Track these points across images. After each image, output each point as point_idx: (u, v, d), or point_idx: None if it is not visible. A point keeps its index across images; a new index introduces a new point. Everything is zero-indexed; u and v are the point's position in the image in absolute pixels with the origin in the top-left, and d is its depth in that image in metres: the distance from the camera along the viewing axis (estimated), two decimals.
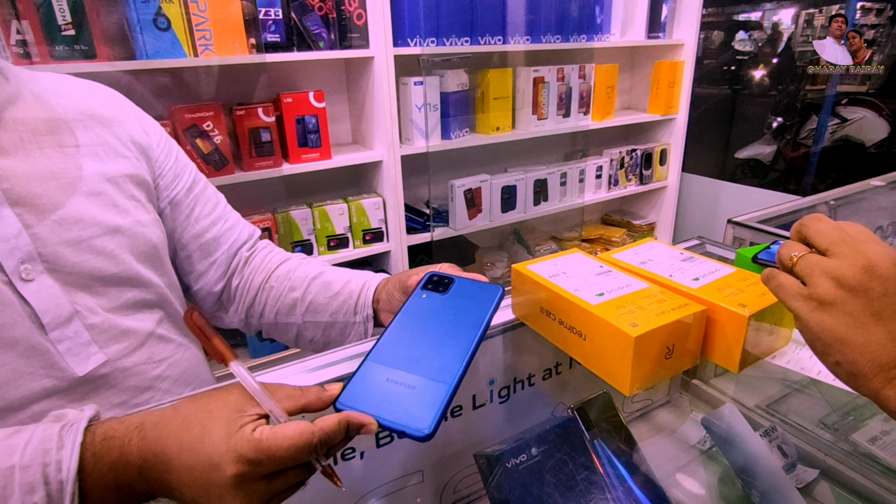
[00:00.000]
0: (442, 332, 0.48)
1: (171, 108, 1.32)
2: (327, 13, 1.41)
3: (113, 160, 0.59)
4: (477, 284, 0.53)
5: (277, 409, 0.38)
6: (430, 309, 0.50)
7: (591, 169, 2.15)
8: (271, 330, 0.74)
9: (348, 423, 0.39)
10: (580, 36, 1.90)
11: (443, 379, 0.43)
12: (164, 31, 1.20)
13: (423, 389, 0.42)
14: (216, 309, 0.74)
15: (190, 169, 0.70)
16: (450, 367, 0.44)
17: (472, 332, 0.47)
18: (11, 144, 0.52)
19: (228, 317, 0.74)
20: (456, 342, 0.46)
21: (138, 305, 0.59)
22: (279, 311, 0.71)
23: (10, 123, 0.52)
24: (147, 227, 0.61)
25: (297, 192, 1.68)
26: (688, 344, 0.50)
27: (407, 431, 0.39)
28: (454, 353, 0.45)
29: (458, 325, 0.48)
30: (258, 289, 0.72)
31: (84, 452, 0.36)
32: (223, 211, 0.72)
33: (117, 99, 0.65)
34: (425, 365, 0.44)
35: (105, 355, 0.55)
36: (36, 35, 1.08)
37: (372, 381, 0.43)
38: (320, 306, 0.69)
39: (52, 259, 0.52)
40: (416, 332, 0.48)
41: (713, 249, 0.81)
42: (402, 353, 0.45)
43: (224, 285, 0.72)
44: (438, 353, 0.45)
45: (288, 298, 0.70)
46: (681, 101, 2.22)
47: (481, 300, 0.51)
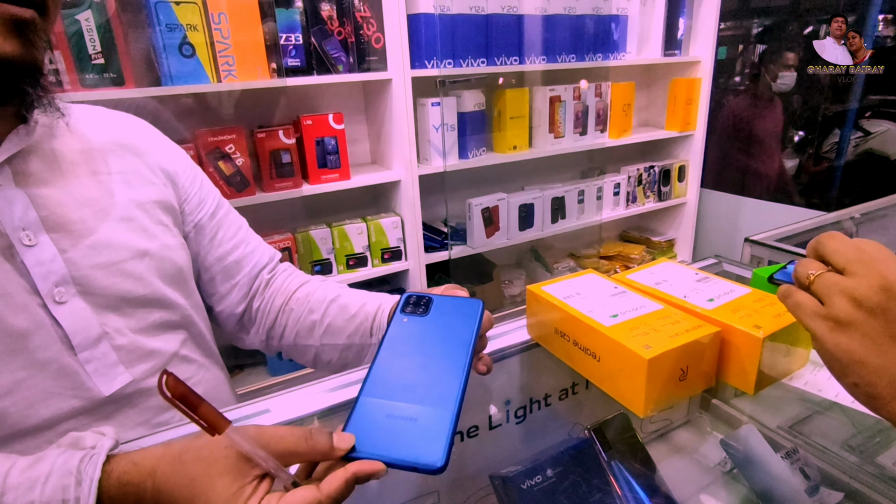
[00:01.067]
0: (432, 356, 0.46)
1: (195, 132, 1.36)
2: (346, 37, 1.45)
3: (142, 187, 0.62)
4: (457, 301, 0.52)
5: (281, 471, 0.38)
6: (414, 332, 0.49)
7: (609, 186, 2.15)
8: (290, 351, 0.75)
9: (356, 477, 0.38)
10: (596, 55, 1.91)
11: (443, 405, 0.42)
12: (189, 57, 1.25)
13: (426, 419, 0.41)
14: (237, 330, 0.76)
15: (214, 194, 0.72)
16: (448, 392, 0.43)
17: (462, 352, 0.46)
18: (49, 174, 0.54)
19: (249, 338, 0.76)
20: (448, 364, 0.45)
21: (164, 326, 0.61)
22: (298, 333, 0.72)
23: (48, 154, 0.55)
24: (173, 251, 0.63)
25: (316, 212, 1.71)
26: (702, 366, 0.50)
27: (419, 467, 0.38)
28: (449, 377, 0.44)
29: (446, 345, 0.47)
30: (278, 311, 0.73)
31: (101, 495, 0.37)
32: (245, 235, 0.74)
33: (146, 128, 0.68)
34: (422, 393, 0.43)
35: (131, 375, 0.57)
36: (68, 64, 1.13)
37: (372, 419, 0.41)
38: (338, 329, 0.70)
39: (85, 282, 0.54)
40: (406, 358, 0.47)
41: (730, 268, 0.80)
42: (397, 383, 0.44)
43: (245, 307, 0.73)
44: (433, 379, 0.44)
45: (307, 321, 0.71)
46: (698, 118, 2.21)
47: (464, 316, 0.50)
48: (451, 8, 1.57)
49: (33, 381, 0.50)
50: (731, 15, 2.45)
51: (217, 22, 1.25)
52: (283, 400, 0.55)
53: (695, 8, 2.12)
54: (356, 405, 0.43)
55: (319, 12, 1.40)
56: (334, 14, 1.42)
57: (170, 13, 1.20)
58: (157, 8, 1.18)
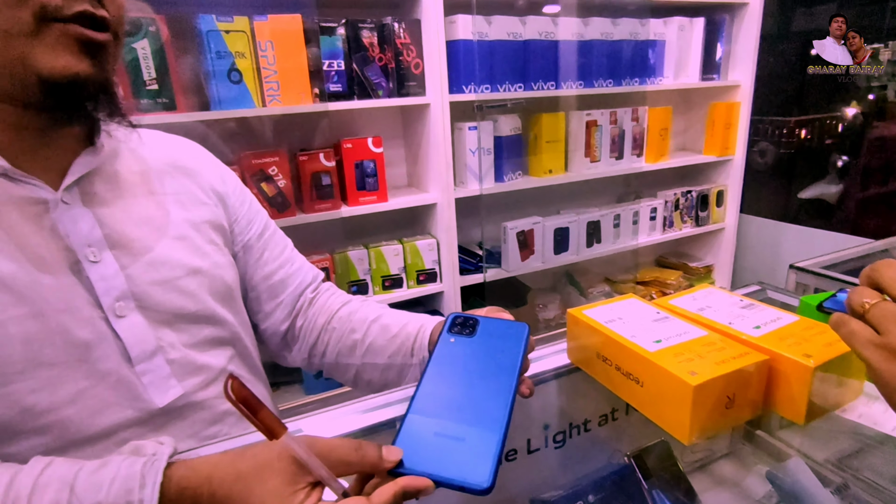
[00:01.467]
0: (479, 377, 0.47)
1: (240, 154, 1.42)
2: (387, 63, 1.49)
3: (195, 207, 0.65)
4: (503, 323, 0.53)
5: (333, 480, 0.39)
6: (461, 353, 0.50)
7: (645, 211, 2.12)
8: (332, 370, 0.76)
9: (405, 492, 0.38)
10: (633, 79, 1.92)
11: (491, 427, 0.42)
12: (237, 83, 1.31)
13: (474, 440, 0.41)
14: (281, 348, 0.78)
15: (262, 215, 0.75)
16: (496, 414, 0.43)
17: (509, 375, 0.46)
18: (112, 194, 0.58)
19: (292, 356, 0.78)
20: (495, 386, 0.46)
21: (213, 342, 0.64)
22: (340, 352, 0.74)
23: (111, 175, 0.58)
24: (223, 269, 0.65)
25: (354, 233, 1.75)
26: (749, 394, 0.49)
27: (465, 486, 0.38)
28: (496, 399, 0.44)
29: (492, 367, 0.48)
30: (321, 329, 0.75)
31: (162, 497, 0.39)
32: (290, 255, 0.76)
33: (199, 151, 0.71)
34: (470, 413, 0.43)
35: (182, 388, 0.59)
36: (124, 89, 1.20)
37: (420, 436, 0.42)
38: (379, 348, 0.71)
39: (142, 297, 0.57)
40: (453, 378, 0.47)
41: (775, 296, 0.79)
42: (444, 402, 0.45)
43: (289, 325, 0.75)
44: (481, 400, 0.44)
45: (349, 340, 0.73)
46: (738, 142, 2.18)
47: (510, 339, 0.50)
48: (488, 34, 1.60)
49: (94, 390, 0.53)
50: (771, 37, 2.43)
51: (263, 49, 1.31)
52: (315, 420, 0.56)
53: (734, 32, 2.11)
54: (404, 421, 0.43)
55: (361, 39, 1.44)
56: (375, 41, 1.46)
57: (220, 41, 1.26)
58: (209, 36, 1.25)
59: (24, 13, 0.44)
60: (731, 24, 2.09)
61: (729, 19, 2.07)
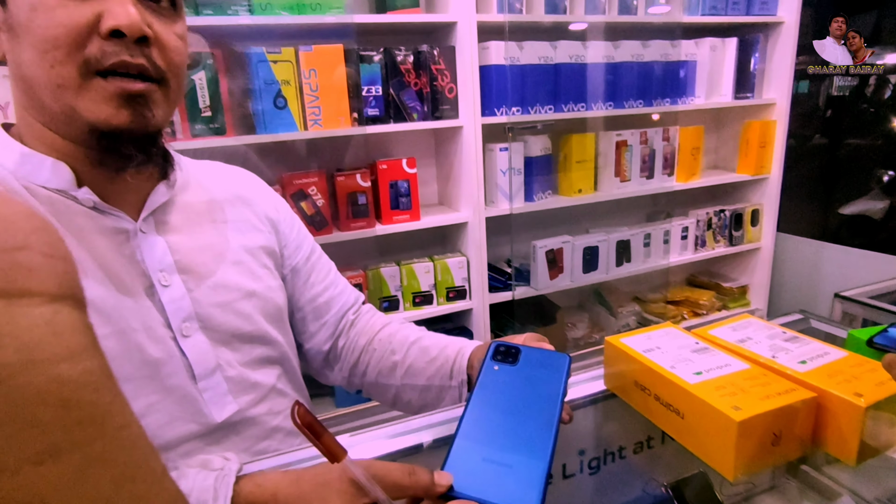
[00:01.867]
0: (524, 405, 0.48)
1: (282, 175, 1.46)
2: (422, 88, 1.53)
3: (251, 234, 0.68)
4: (544, 353, 0.54)
5: (389, 502, 0.41)
6: (505, 381, 0.51)
7: (676, 230, 2.10)
8: (371, 389, 0.79)
9: None
10: (664, 100, 1.91)
11: (537, 455, 0.43)
12: (282, 109, 1.36)
13: (521, 467, 0.42)
14: (323, 367, 0.80)
15: (309, 240, 0.78)
16: (541, 443, 0.44)
17: (552, 404, 0.48)
18: (181, 222, 0.62)
19: (333, 374, 0.80)
20: (540, 415, 0.47)
21: (264, 361, 0.66)
22: (380, 373, 0.76)
23: (180, 206, 0.62)
24: (275, 292, 0.68)
25: (386, 250, 1.78)
26: (796, 431, 0.49)
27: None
28: (541, 427, 0.46)
29: (536, 396, 0.49)
30: (362, 350, 0.77)
31: None
32: (334, 278, 0.79)
33: (255, 181, 0.76)
34: (516, 441, 0.45)
35: (237, 405, 0.62)
36: (182, 117, 1.27)
37: (469, 462, 0.43)
38: (418, 370, 0.73)
39: (205, 318, 0.60)
40: (498, 405, 0.48)
41: (819, 326, 0.77)
42: (491, 429, 0.46)
43: (331, 345, 0.78)
44: (527, 428, 0.46)
45: (389, 361, 0.75)
46: (773, 161, 2.15)
47: (552, 369, 0.51)
48: (520, 59, 1.62)
49: (163, 405, 0.56)
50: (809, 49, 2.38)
51: (307, 77, 1.36)
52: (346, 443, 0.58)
53: (768, 49, 2.08)
54: (453, 446, 0.45)
55: (398, 66, 1.49)
56: (412, 67, 1.50)
57: (268, 71, 1.32)
58: (258, 66, 1.31)
59: (71, 68, 0.47)
60: (766, 42, 2.07)
61: (763, 38, 2.05)
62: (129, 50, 0.49)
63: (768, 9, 2.00)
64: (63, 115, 0.50)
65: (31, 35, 0.47)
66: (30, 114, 0.52)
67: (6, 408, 0.12)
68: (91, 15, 0.47)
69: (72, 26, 0.46)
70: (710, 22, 1.95)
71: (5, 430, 0.12)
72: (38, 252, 0.14)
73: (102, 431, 0.14)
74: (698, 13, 1.91)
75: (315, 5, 1.35)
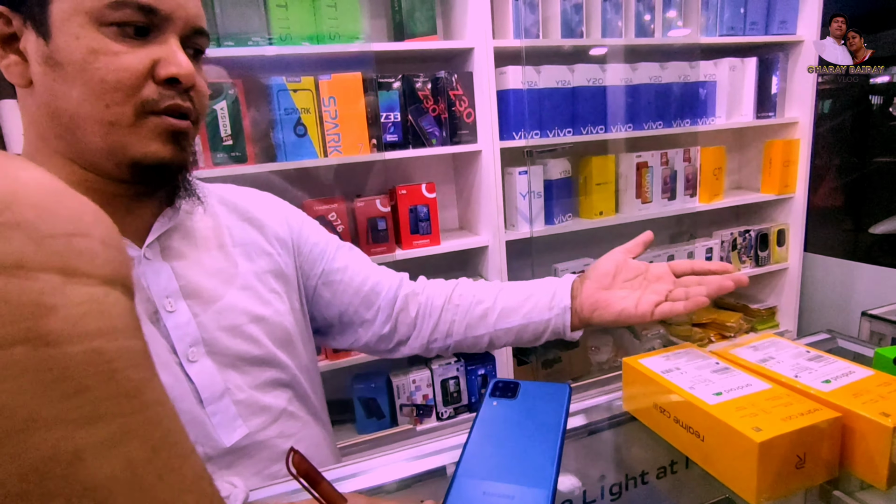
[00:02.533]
0: (523, 437, 0.48)
1: (303, 202, 1.50)
2: (440, 114, 1.56)
3: (260, 258, 0.69)
4: (544, 386, 0.54)
5: None
6: (504, 415, 0.51)
7: (701, 251, 2.07)
8: (460, 345, 0.79)
9: None
10: (684, 121, 1.91)
11: (539, 484, 0.42)
12: (302, 136, 1.39)
13: (523, 498, 0.42)
14: (392, 346, 0.81)
15: (334, 240, 0.79)
16: (543, 472, 0.43)
17: (553, 434, 0.47)
18: (188, 248, 0.63)
19: (407, 347, 0.81)
20: (541, 445, 0.46)
21: (274, 384, 0.67)
22: (469, 325, 0.77)
23: (187, 230, 0.64)
24: (284, 317, 0.69)
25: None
26: (823, 454, 0.47)
27: None
28: (543, 457, 0.45)
29: (536, 427, 0.48)
30: (441, 309, 0.78)
31: None
32: (372, 266, 0.81)
33: (266, 201, 0.76)
34: (517, 472, 0.44)
35: (247, 428, 0.62)
36: (204, 145, 1.31)
37: (469, 497, 0.43)
38: (512, 310, 0.74)
39: (212, 343, 0.61)
40: (498, 439, 0.48)
41: (846, 345, 0.75)
42: (491, 463, 0.45)
43: (393, 325, 0.79)
44: (527, 458, 0.45)
45: (477, 310, 0.76)
46: (798, 180, 2.11)
47: (552, 400, 0.51)
48: (538, 83, 1.64)
49: None
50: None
51: (326, 105, 1.40)
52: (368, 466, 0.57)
53: (789, 67, 2.07)
54: (453, 483, 0.44)
55: (416, 92, 1.52)
56: (430, 93, 1.53)
57: (288, 99, 1.36)
58: (279, 95, 1.35)
59: (128, 108, 0.50)
60: (786, 61, 2.06)
61: (783, 56, 2.04)
62: (181, 95, 0.53)
63: (787, 28, 1.99)
64: (105, 150, 0.52)
65: (86, 75, 0.49)
66: (48, 143, 0.53)
67: (55, 370, 0.13)
68: (148, 61, 0.51)
69: (133, 71, 0.50)
70: (729, 43, 1.95)
71: (51, 392, 0.13)
72: (98, 240, 0.15)
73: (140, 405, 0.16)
74: (716, 34, 1.91)
75: (334, 35, 1.39)
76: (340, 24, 1.39)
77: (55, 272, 0.14)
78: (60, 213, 0.15)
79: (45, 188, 0.15)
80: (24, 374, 0.13)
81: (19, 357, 0.13)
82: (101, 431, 0.14)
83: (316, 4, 1.38)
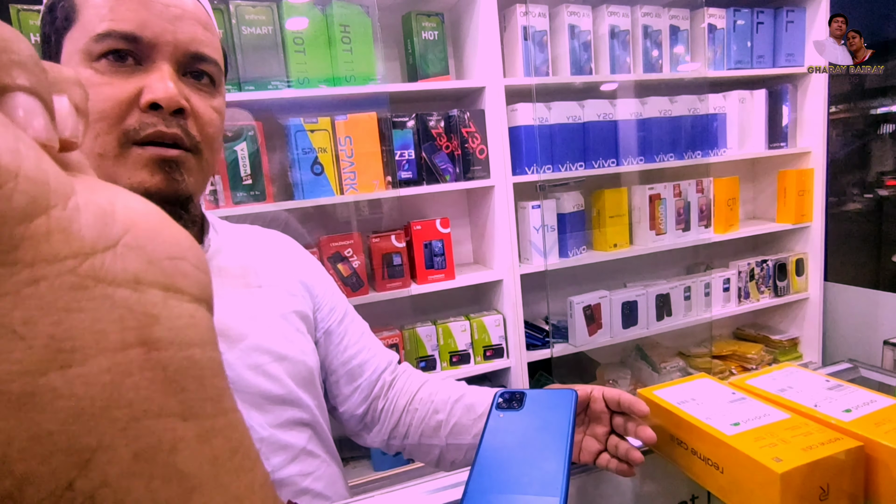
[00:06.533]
0: (532, 447, 0.48)
1: (319, 238, 1.52)
2: (453, 151, 1.59)
3: (284, 298, 0.70)
4: (549, 393, 0.54)
5: None
6: (510, 426, 0.50)
7: (717, 282, 2.05)
8: (414, 451, 0.78)
9: None
10: (695, 152, 1.92)
11: (549, 492, 0.42)
12: (318, 175, 1.43)
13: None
14: (360, 429, 0.80)
15: (343, 303, 0.80)
16: (553, 479, 0.43)
17: (561, 441, 0.47)
18: (216, 286, 0.64)
19: (371, 437, 0.80)
20: (549, 453, 0.46)
21: (295, 423, 0.67)
22: (423, 433, 0.75)
23: (215, 270, 0.65)
24: (307, 356, 0.70)
25: (422, 309, 1.79)
26: (846, 485, 0.46)
27: None
28: (552, 464, 0.45)
29: (543, 435, 0.48)
30: (402, 411, 0.77)
31: None
32: (367, 341, 0.80)
33: (290, 244, 0.78)
34: (527, 482, 0.44)
35: (268, 466, 0.62)
36: (224, 185, 1.35)
37: None
38: (463, 428, 0.72)
39: (237, 381, 0.61)
40: (507, 451, 0.48)
41: (869, 375, 0.74)
42: (501, 476, 0.45)
43: (367, 408, 0.78)
44: (536, 467, 0.45)
45: (432, 421, 0.74)
46: (815, 208, 2.10)
47: (558, 407, 0.51)
48: (549, 119, 1.68)
49: None
50: (842, 98, 2.36)
51: (343, 144, 1.44)
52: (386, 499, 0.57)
53: (799, 97, 2.09)
54: (464, 499, 0.44)
55: (430, 130, 1.56)
56: (443, 131, 1.57)
57: (306, 139, 1.41)
58: (297, 136, 1.40)
59: (112, 138, 0.51)
60: (795, 91, 2.08)
61: (792, 88, 2.06)
62: (166, 121, 0.52)
63: (795, 60, 2.02)
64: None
65: None
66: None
67: (162, 371, 0.15)
68: (133, 90, 0.51)
69: (116, 101, 0.50)
70: (737, 76, 1.98)
71: (159, 388, 0.15)
72: (191, 263, 0.17)
73: (222, 409, 0.18)
74: (724, 68, 1.94)
75: (350, 77, 1.45)
76: (356, 66, 1.45)
77: (160, 288, 0.16)
78: (166, 238, 0.17)
79: (154, 216, 0.17)
80: (141, 371, 0.15)
81: (135, 357, 0.15)
82: (195, 427, 0.16)
83: (333, 49, 1.44)
